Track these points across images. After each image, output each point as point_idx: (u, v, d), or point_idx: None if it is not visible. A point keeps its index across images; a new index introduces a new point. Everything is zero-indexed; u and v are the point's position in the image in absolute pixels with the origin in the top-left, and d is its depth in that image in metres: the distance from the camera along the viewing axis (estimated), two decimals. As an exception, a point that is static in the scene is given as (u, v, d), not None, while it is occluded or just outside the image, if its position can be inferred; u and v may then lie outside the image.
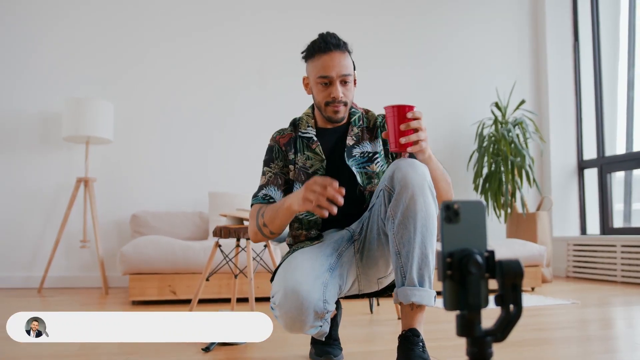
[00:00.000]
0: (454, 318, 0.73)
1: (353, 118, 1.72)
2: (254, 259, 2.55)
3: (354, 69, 1.65)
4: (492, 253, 0.71)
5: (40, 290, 3.66)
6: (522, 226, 4.37)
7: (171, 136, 4.22)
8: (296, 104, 4.37)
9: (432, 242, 1.43)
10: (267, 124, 4.35)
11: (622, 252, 4.09)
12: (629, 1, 4.60)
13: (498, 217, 4.51)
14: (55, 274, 3.88)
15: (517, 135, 4.44)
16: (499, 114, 4.65)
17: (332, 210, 1.30)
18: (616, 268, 4.13)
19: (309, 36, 1.71)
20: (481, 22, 5.01)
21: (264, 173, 1.70)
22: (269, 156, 1.72)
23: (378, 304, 2.94)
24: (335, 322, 1.73)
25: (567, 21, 5.05)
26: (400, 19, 4.79)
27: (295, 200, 1.40)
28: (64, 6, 4.10)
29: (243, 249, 2.49)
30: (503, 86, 4.83)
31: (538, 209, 4.53)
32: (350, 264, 1.58)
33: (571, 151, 4.99)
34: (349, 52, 1.63)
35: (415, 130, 1.40)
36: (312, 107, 1.76)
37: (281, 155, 1.70)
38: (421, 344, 1.44)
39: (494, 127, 4.53)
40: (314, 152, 1.67)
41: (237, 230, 2.33)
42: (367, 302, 2.99)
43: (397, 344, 1.47)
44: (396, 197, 1.42)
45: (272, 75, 4.43)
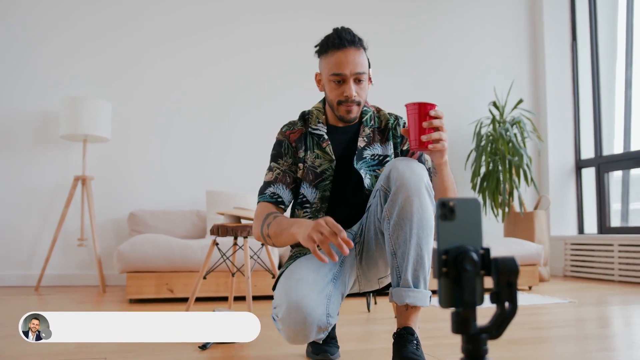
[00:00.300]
0: (449, 316, 0.74)
1: (365, 117, 1.66)
2: (251, 257, 2.55)
3: (369, 67, 1.59)
4: (487, 250, 0.71)
5: (37, 289, 3.66)
6: (520, 225, 4.37)
7: (169, 135, 4.22)
8: (294, 104, 4.38)
9: (429, 243, 1.42)
10: (265, 123, 4.37)
11: (620, 252, 4.10)
12: (627, 1, 4.60)
13: (496, 216, 4.51)
14: (53, 272, 3.88)
15: (515, 135, 4.44)
16: (496, 113, 4.65)
17: (333, 258, 1.23)
18: (613, 267, 4.14)
19: (307, 36, 1.70)
20: (479, 21, 5.02)
21: (271, 169, 1.63)
22: (277, 151, 1.65)
23: (375, 303, 2.94)
24: None
25: (565, 20, 5.06)
26: (398, 18, 4.79)
27: (301, 232, 1.32)
28: (63, 6, 4.09)
29: (240, 247, 2.49)
30: (501, 85, 4.84)
31: (536, 208, 4.53)
32: (351, 267, 1.58)
33: (569, 150, 4.99)
34: (364, 49, 1.57)
35: (437, 128, 1.37)
36: (322, 101, 1.70)
37: (290, 152, 1.64)
38: (415, 341, 1.45)
39: (491, 126, 4.53)
40: (324, 151, 1.62)
41: (234, 228, 2.32)
42: (364, 301, 2.99)
43: (393, 342, 1.48)
44: (392, 197, 1.40)
45: (270, 75, 4.43)
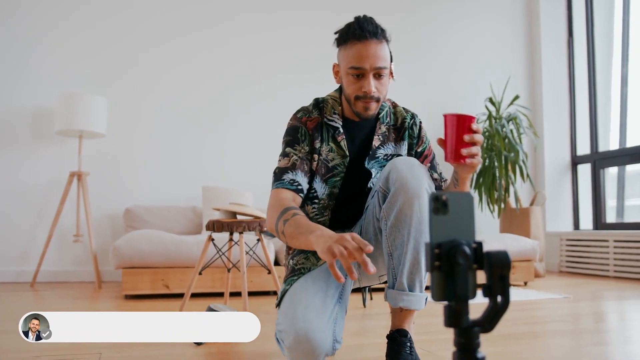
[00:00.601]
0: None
1: (381, 114, 1.59)
2: (247, 253, 2.54)
3: (392, 61, 1.50)
4: (480, 244, 0.71)
5: (33, 285, 3.65)
6: (516, 221, 4.38)
7: (165, 130, 4.21)
8: (290, 99, 4.38)
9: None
10: (261, 119, 4.37)
11: (615, 247, 4.11)
12: (623, -3, 4.61)
13: (492, 212, 4.52)
14: (48, 268, 3.87)
15: (511, 131, 4.45)
16: (493, 109, 4.65)
17: (353, 276, 1.07)
18: (609, 263, 4.16)
19: (302, 35, 1.68)
20: (475, 17, 5.01)
21: (286, 154, 1.52)
22: (293, 137, 1.54)
23: (371, 298, 2.95)
24: None
25: (561, 17, 5.06)
26: (394, 14, 4.78)
27: (321, 242, 1.17)
28: (59, 3, 4.06)
29: (236, 242, 2.49)
30: (497, 82, 4.84)
31: (531, 204, 4.54)
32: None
33: (565, 146, 5.00)
34: (387, 41, 1.47)
35: (475, 142, 1.31)
36: (339, 89, 1.61)
37: (308, 140, 1.54)
38: (409, 343, 1.44)
39: (488, 122, 4.54)
40: (338, 145, 1.55)
41: (230, 224, 2.32)
42: (360, 297, 2.99)
43: (386, 345, 1.47)
44: (390, 198, 1.37)
45: (266, 73, 4.41)
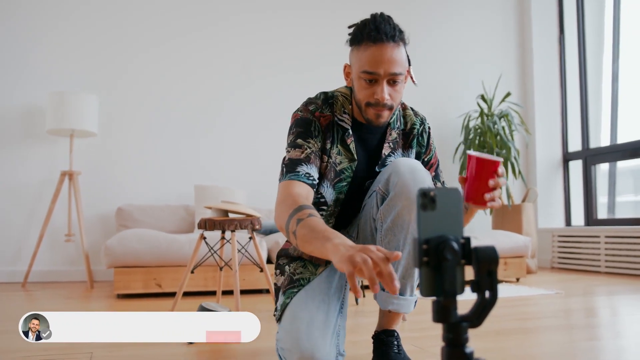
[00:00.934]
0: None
1: (392, 118, 1.48)
2: (239, 251, 2.54)
3: (409, 64, 1.38)
4: (468, 240, 0.71)
5: (24, 285, 3.63)
6: (508, 218, 4.40)
7: (157, 129, 4.19)
8: (283, 100, 4.37)
9: None
10: (254, 117, 4.36)
11: (606, 243, 4.14)
12: (614, -6, 4.63)
13: (484, 209, 4.53)
14: (40, 268, 3.85)
15: (503, 128, 4.46)
16: (484, 106, 4.67)
17: (375, 289, 0.91)
18: (600, 259, 4.18)
19: (296, 35, 1.66)
20: (467, 14, 5.02)
21: (298, 146, 1.39)
22: (306, 129, 1.41)
23: (364, 296, 2.95)
24: None
25: (552, 14, 5.08)
26: (385, 12, 4.77)
27: (339, 251, 0.99)
28: (49, 1, 4.05)
29: (228, 241, 2.48)
30: (489, 79, 4.85)
31: (523, 200, 4.56)
32: None
33: (556, 143, 5.02)
34: (404, 44, 1.37)
35: (498, 186, 1.25)
36: (350, 87, 1.49)
37: (321, 137, 1.42)
38: (396, 342, 1.44)
39: (479, 119, 4.55)
40: (347, 148, 1.44)
41: (222, 222, 2.32)
42: (352, 294, 3.00)
43: (372, 344, 1.47)
44: (389, 202, 1.32)
45: (259, 73, 4.39)
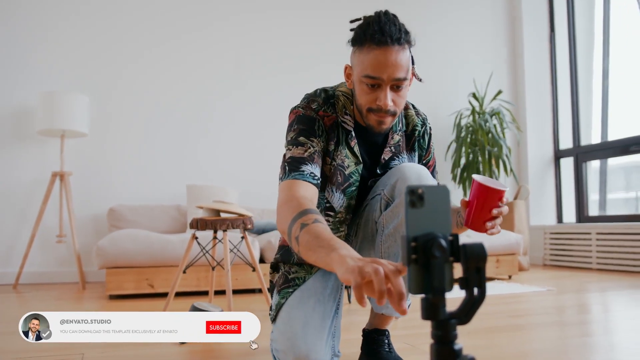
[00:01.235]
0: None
1: (394, 120, 1.43)
2: (231, 250, 2.53)
3: (413, 63, 1.30)
4: (456, 237, 0.71)
5: (15, 287, 3.61)
6: (500, 215, 4.41)
7: (148, 129, 4.17)
8: (274, 100, 4.37)
9: None
10: (245, 117, 4.35)
11: (597, 240, 4.16)
12: (603, -8, 4.65)
13: (476, 207, 4.54)
14: (32, 269, 3.82)
15: (495, 126, 4.48)
16: (476, 104, 4.68)
17: (381, 302, 0.79)
18: (591, 255, 4.20)
19: (291, 35, 1.64)
20: (458, 13, 5.03)
21: (301, 144, 1.30)
22: (309, 127, 1.33)
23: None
24: None
25: (543, 12, 5.10)
26: (374, 10, 4.77)
27: (345, 262, 0.87)
28: (39, 1, 4.02)
29: (220, 240, 2.48)
30: (480, 77, 4.87)
31: (515, 198, 4.58)
32: None
33: (547, 141, 5.05)
34: (409, 45, 1.27)
35: (499, 215, 1.25)
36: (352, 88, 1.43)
37: (324, 137, 1.35)
38: (386, 340, 1.45)
39: (471, 117, 4.56)
40: (351, 150, 1.38)
41: (213, 222, 2.31)
42: (344, 292, 3.00)
43: (362, 340, 1.48)
44: (393, 208, 1.30)
45: (250, 73, 4.38)
